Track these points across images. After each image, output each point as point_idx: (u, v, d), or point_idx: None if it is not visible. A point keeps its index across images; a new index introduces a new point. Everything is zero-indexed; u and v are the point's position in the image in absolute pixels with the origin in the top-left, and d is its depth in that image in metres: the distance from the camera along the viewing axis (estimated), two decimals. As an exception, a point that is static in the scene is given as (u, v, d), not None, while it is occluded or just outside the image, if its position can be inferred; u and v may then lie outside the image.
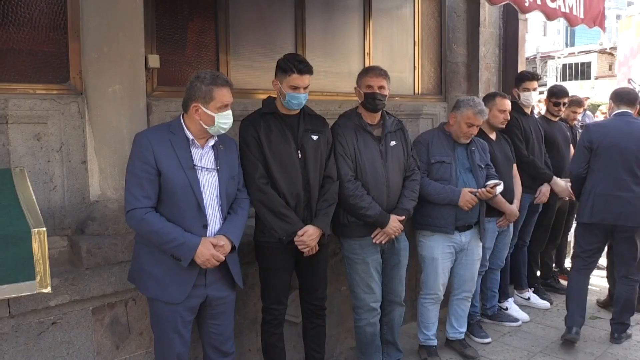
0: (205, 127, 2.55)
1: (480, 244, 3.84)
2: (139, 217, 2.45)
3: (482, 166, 3.76)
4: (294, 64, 2.89)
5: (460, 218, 3.62)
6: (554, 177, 4.55)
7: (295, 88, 2.90)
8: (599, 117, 6.13)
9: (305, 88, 2.94)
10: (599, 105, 6.32)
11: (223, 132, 2.60)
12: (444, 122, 3.86)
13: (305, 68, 2.91)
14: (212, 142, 2.63)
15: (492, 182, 3.66)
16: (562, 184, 4.55)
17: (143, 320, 2.94)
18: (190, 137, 2.57)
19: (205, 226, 2.55)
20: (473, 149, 3.74)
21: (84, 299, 2.74)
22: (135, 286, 2.73)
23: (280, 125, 2.97)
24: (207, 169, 2.58)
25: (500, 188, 3.67)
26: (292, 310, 3.34)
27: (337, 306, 3.83)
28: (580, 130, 5.35)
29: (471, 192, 3.52)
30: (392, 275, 3.45)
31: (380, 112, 3.34)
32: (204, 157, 2.60)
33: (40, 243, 2.20)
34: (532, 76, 4.71)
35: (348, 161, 3.19)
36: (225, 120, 2.55)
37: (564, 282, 5.40)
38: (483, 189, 3.58)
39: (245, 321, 3.37)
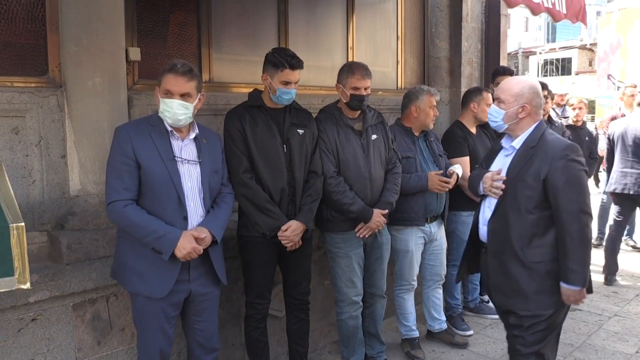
0: (159, 113, 2.53)
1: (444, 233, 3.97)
2: (118, 209, 2.42)
3: (441, 155, 3.85)
4: (286, 59, 2.88)
5: (429, 209, 3.70)
6: None
7: (287, 83, 2.89)
8: (569, 110, 6.16)
9: (296, 83, 2.93)
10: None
11: (170, 121, 2.50)
12: (398, 118, 3.89)
13: (297, 63, 2.91)
14: (192, 135, 2.60)
15: (452, 169, 3.75)
16: None
17: (125, 315, 2.92)
18: (169, 128, 2.54)
19: (185, 218, 2.51)
20: (432, 139, 3.84)
21: (64, 294, 2.71)
22: (117, 282, 2.70)
23: (266, 119, 2.95)
24: (188, 160, 2.56)
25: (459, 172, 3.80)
26: (276, 304, 3.34)
27: (320, 300, 3.84)
28: (556, 124, 5.40)
29: (437, 174, 3.60)
30: (374, 268, 3.46)
31: None
32: (184, 149, 2.57)
33: (18, 238, 2.16)
34: (504, 70, 4.81)
35: (330, 156, 3.19)
36: (166, 107, 2.48)
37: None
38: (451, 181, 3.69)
39: (228, 316, 3.36)
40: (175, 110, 2.47)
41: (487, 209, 2.68)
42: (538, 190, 2.48)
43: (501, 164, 2.67)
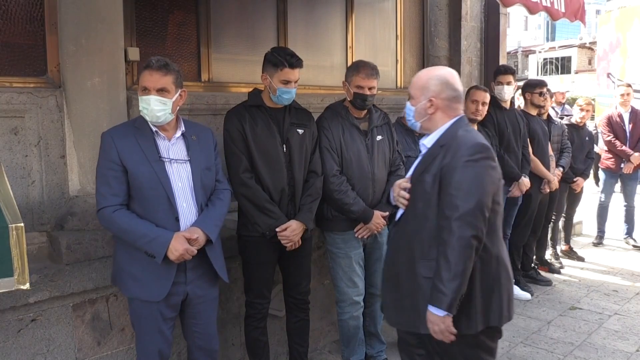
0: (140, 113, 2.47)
1: None
2: (107, 216, 2.40)
3: None
4: (285, 58, 2.87)
5: None
6: (522, 177, 4.60)
7: (286, 82, 2.88)
8: (576, 109, 6.14)
9: (296, 82, 2.93)
10: (576, 99, 6.42)
11: (149, 119, 2.45)
12: (400, 117, 3.88)
13: (297, 62, 2.90)
14: (178, 133, 2.55)
15: None
16: (527, 182, 4.64)
17: (124, 316, 2.91)
18: (154, 128, 2.49)
19: (177, 219, 2.47)
20: None
21: (64, 295, 2.71)
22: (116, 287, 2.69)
23: (266, 119, 2.95)
24: (176, 160, 2.50)
25: None
26: (276, 304, 3.34)
27: (320, 300, 3.84)
28: (556, 123, 5.40)
29: None
30: (374, 268, 3.46)
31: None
32: (171, 148, 2.52)
33: (17, 239, 2.16)
34: (505, 70, 4.72)
35: (334, 155, 3.18)
36: (144, 105, 2.41)
37: (544, 274, 5.48)
38: None
39: (228, 315, 3.36)
40: (153, 106, 2.40)
41: None
42: (436, 192, 2.14)
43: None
